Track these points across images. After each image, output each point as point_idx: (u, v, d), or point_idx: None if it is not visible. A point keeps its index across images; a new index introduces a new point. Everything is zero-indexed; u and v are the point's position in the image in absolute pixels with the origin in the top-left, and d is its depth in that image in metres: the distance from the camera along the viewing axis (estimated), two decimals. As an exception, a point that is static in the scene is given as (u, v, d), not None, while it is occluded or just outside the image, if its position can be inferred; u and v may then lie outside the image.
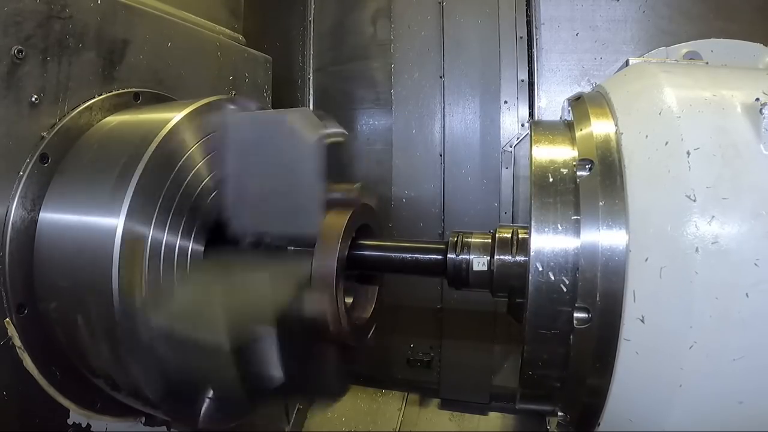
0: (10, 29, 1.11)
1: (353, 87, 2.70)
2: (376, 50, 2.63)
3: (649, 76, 1.02)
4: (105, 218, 1.06)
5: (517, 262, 1.05)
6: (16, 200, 1.12)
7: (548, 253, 0.89)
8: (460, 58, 2.46)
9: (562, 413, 1.00)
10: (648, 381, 0.87)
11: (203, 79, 1.75)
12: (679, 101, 0.91)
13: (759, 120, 0.85)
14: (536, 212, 0.91)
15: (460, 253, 1.11)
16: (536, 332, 0.91)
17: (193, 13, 1.81)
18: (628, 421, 0.92)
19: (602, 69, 2.29)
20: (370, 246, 1.19)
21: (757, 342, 0.81)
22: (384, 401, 2.65)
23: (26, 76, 1.14)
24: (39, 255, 1.14)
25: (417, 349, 2.62)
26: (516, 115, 2.41)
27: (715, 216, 0.81)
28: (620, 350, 0.86)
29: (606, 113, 1.01)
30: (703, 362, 0.82)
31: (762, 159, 0.84)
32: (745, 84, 0.96)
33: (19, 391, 1.12)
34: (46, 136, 1.18)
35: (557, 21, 2.35)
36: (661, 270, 0.82)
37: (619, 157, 0.91)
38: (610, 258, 0.86)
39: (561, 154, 0.99)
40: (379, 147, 2.62)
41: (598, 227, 0.87)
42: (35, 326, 1.15)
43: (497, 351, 2.51)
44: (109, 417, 1.29)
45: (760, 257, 0.80)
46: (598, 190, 0.89)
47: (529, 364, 0.95)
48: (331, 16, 2.75)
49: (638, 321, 0.84)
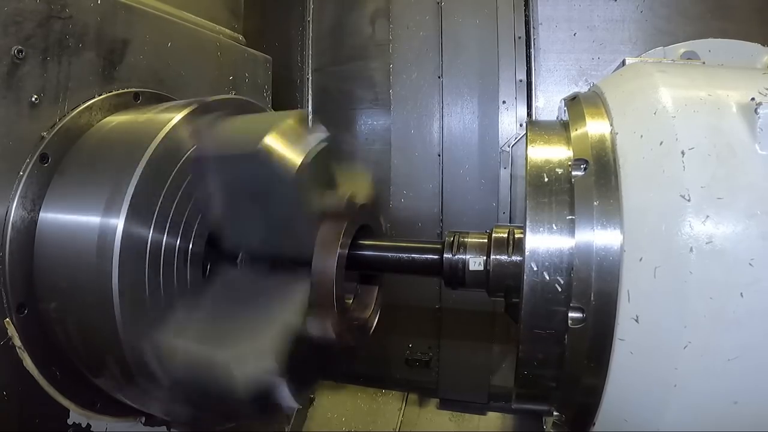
0: (10, 29, 1.11)
1: (352, 87, 2.70)
2: (374, 50, 2.64)
3: (644, 75, 1.02)
4: (105, 218, 1.06)
5: (513, 262, 1.04)
6: (16, 200, 1.13)
7: (543, 253, 0.89)
8: (458, 59, 2.46)
9: (557, 413, 1.00)
10: (643, 381, 0.87)
11: (203, 79, 1.75)
12: (674, 101, 0.91)
13: (754, 119, 0.85)
14: (531, 212, 0.91)
15: (456, 253, 1.10)
16: (531, 332, 0.91)
17: (193, 13, 1.81)
18: (623, 421, 0.92)
19: (600, 69, 2.28)
20: (367, 246, 1.19)
21: (751, 342, 0.81)
22: (384, 401, 2.65)
23: (26, 76, 1.15)
24: (39, 255, 1.14)
25: (416, 349, 2.62)
26: (514, 115, 2.41)
27: (710, 216, 0.81)
28: (615, 350, 0.86)
29: (601, 113, 1.01)
30: (697, 362, 0.82)
31: (757, 159, 0.84)
32: (741, 83, 0.96)
33: (19, 391, 1.13)
34: (46, 136, 1.19)
35: (555, 21, 2.35)
36: (656, 270, 0.82)
37: (614, 157, 0.91)
38: (604, 258, 0.86)
39: (556, 154, 0.99)
40: (378, 147, 2.62)
41: (592, 227, 0.87)
42: (35, 326, 1.15)
43: (496, 351, 2.51)
44: (109, 417, 1.29)
45: (754, 257, 0.80)
46: (593, 190, 0.89)
47: (525, 363, 0.94)
48: (330, 17, 2.75)
49: (633, 321, 0.84)
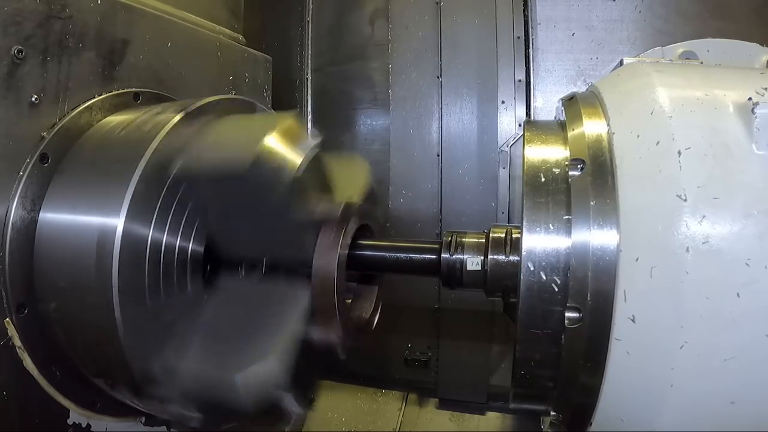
0: (10, 29, 1.11)
1: (351, 87, 2.69)
2: (373, 50, 2.63)
3: (641, 75, 1.02)
4: (105, 218, 1.06)
5: (511, 262, 1.04)
6: (16, 200, 1.13)
7: (540, 253, 0.89)
8: (457, 59, 2.45)
9: (554, 413, 1.00)
10: (639, 381, 0.87)
11: (203, 79, 1.75)
12: (671, 101, 0.91)
13: (751, 119, 0.85)
14: (528, 212, 0.92)
15: (454, 253, 1.10)
16: (528, 332, 0.91)
17: (193, 13, 1.81)
18: (620, 421, 0.92)
19: (598, 69, 2.27)
20: (365, 246, 1.19)
21: (748, 342, 0.81)
22: (384, 401, 2.65)
23: (26, 76, 1.15)
24: (39, 255, 1.15)
25: (415, 349, 2.61)
26: (513, 115, 2.40)
27: (706, 216, 0.81)
28: (611, 350, 0.86)
29: (598, 113, 1.01)
30: (694, 362, 0.82)
31: (754, 158, 0.84)
32: (738, 83, 0.96)
33: (19, 391, 1.13)
34: (46, 136, 1.19)
35: (553, 21, 2.34)
36: (652, 270, 0.82)
37: (611, 157, 0.91)
38: (601, 258, 0.86)
39: (553, 154, 0.99)
40: (377, 147, 2.61)
41: (589, 227, 0.87)
42: (35, 326, 1.15)
43: (495, 351, 2.50)
44: (109, 417, 1.29)
45: (751, 257, 0.80)
46: (590, 190, 0.89)
47: (522, 363, 0.95)
48: (330, 17, 2.75)
49: (629, 321, 0.84)
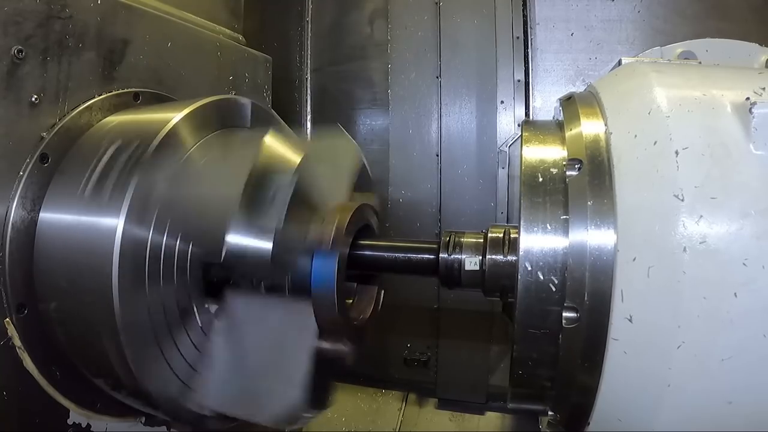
0: (10, 29, 1.11)
1: (351, 87, 2.70)
2: (373, 50, 2.63)
3: (639, 75, 1.02)
4: (105, 218, 1.06)
5: (509, 262, 1.04)
6: (16, 200, 1.13)
7: (537, 253, 0.89)
8: (456, 59, 2.45)
9: (552, 413, 1.00)
10: (637, 380, 0.87)
11: (203, 79, 1.75)
12: (668, 101, 0.91)
13: (749, 119, 0.85)
14: (525, 212, 0.92)
15: (452, 253, 1.10)
16: (525, 331, 0.91)
17: (193, 13, 1.81)
18: (618, 421, 0.92)
19: (597, 69, 2.27)
20: (364, 246, 1.19)
21: (745, 342, 0.81)
22: (384, 401, 2.65)
23: (26, 76, 1.15)
24: (39, 255, 1.14)
25: (414, 349, 2.61)
26: (512, 115, 2.41)
27: (704, 215, 0.81)
28: (609, 350, 0.86)
29: (596, 113, 1.01)
30: (691, 362, 0.82)
31: (751, 158, 0.84)
32: (736, 83, 0.95)
33: (19, 391, 1.12)
34: (46, 136, 1.19)
35: (552, 21, 2.35)
36: (649, 269, 0.82)
37: (608, 157, 0.91)
38: (598, 257, 0.86)
39: (551, 154, 0.99)
40: (376, 147, 2.62)
41: (586, 227, 0.87)
42: (35, 326, 1.15)
43: (494, 351, 2.50)
44: (109, 417, 1.29)
45: (748, 257, 0.80)
46: (587, 190, 0.89)
47: (519, 363, 0.95)
48: (329, 17, 2.75)
49: (626, 320, 0.84)
